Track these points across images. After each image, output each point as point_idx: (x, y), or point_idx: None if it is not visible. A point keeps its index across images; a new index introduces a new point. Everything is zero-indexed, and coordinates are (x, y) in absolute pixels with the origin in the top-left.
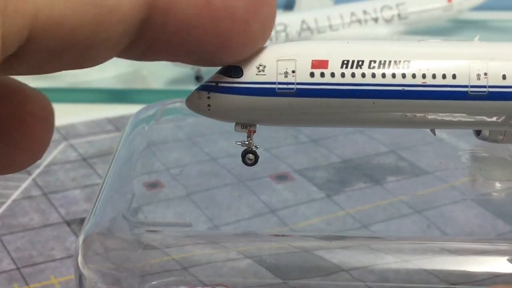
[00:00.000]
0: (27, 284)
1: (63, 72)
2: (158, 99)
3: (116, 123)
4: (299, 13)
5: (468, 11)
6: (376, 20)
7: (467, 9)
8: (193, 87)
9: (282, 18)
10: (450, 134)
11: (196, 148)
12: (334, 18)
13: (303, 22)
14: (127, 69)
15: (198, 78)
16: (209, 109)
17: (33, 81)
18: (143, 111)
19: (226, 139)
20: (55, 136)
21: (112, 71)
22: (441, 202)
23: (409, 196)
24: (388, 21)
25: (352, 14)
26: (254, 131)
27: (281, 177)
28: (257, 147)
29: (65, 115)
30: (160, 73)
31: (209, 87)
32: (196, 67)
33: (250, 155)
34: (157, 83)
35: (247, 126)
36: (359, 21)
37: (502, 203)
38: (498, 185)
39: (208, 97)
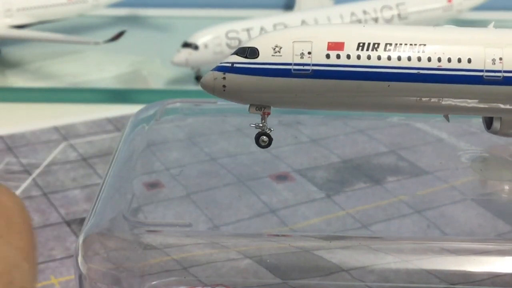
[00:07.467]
0: None
1: (63, 72)
2: (158, 99)
3: (116, 123)
4: (299, 13)
5: (468, 11)
6: (376, 20)
7: (467, 9)
8: (193, 87)
9: (282, 18)
10: (450, 134)
11: (196, 148)
12: (334, 18)
13: (303, 22)
14: (127, 69)
15: (198, 78)
16: (224, 90)
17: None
18: (143, 111)
19: (226, 139)
20: (55, 136)
21: (112, 71)
22: (441, 202)
23: (409, 196)
24: (388, 21)
25: (352, 14)
26: (269, 113)
27: (281, 177)
28: (271, 130)
29: (65, 115)
30: (160, 73)
31: (224, 68)
32: (196, 67)
33: (264, 137)
34: (157, 83)
35: (262, 108)
36: (359, 21)
37: (502, 203)
38: (498, 185)
39: (224, 78)
